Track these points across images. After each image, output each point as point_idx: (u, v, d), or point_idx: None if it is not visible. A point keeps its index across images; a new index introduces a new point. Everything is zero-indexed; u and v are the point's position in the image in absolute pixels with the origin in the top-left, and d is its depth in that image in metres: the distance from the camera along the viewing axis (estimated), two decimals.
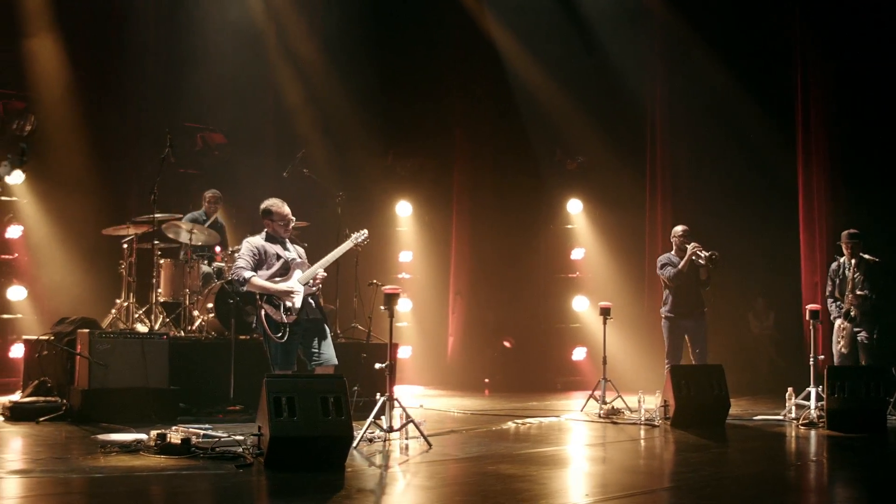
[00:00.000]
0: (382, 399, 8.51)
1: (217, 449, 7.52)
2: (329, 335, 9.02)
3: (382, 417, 8.53)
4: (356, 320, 12.87)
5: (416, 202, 16.99)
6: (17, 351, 12.83)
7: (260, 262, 8.67)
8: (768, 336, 16.03)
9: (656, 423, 10.15)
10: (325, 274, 8.92)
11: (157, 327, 11.54)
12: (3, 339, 13.56)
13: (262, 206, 8.85)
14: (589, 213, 16.47)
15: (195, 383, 10.67)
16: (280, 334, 8.59)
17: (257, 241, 8.79)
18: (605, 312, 11.75)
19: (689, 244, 11.76)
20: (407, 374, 16.27)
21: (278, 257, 8.72)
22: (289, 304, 8.58)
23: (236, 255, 9.25)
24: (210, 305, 11.61)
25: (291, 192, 11.51)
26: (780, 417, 10.84)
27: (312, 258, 8.99)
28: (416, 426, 8.49)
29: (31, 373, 11.13)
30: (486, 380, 15.98)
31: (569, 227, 16.64)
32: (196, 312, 11.80)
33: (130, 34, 14.55)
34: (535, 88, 15.89)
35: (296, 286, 8.66)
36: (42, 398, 10.17)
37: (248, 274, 8.56)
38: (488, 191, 16.72)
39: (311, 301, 8.85)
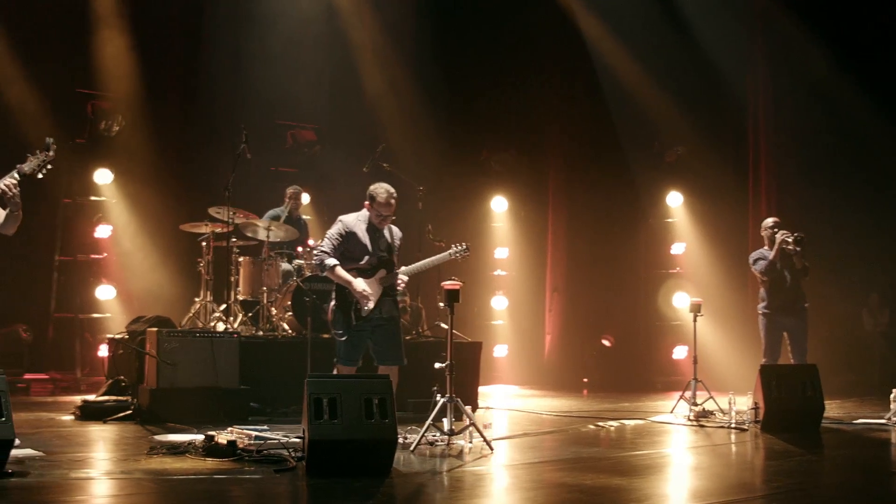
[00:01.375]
0: (443, 400, 8.11)
1: (264, 452, 7.25)
2: (401, 335, 8.69)
3: (444, 420, 8.14)
4: (440, 318, 12.55)
5: (512, 197, 16.60)
6: (105, 350, 12.87)
7: (346, 247, 8.35)
8: (882, 333, 15.14)
9: (745, 427, 9.53)
10: (407, 279, 8.60)
11: (235, 326, 11.40)
12: (93, 338, 13.66)
13: (370, 188, 8.49)
14: (689, 207, 15.85)
15: (270, 383, 10.46)
16: (341, 332, 8.33)
17: (351, 222, 8.44)
18: (695, 309, 11.09)
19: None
20: (502, 373, 16.01)
21: (367, 250, 8.39)
22: (363, 305, 8.27)
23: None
24: (288, 304, 11.44)
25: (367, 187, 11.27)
26: (883, 421, 10.08)
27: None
28: (477, 429, 8.07)
29: (110, 372, 11.16)
30: (585, 379, 15.59)
31: (668, 220, 16.07)
32: (274, 311, 11.63)
33: (215, 33, 14.54)
34: (630, 80, 15.38)
35: (374, 289, 8.35)
36: (113, 397, 10.16)
37: (330, 262, 8.26)
38: (585, 185, 16.29)
39: (389, 298, 8.53)
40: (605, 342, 15.97)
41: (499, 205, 16.62)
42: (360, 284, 8.29)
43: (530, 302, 16.53)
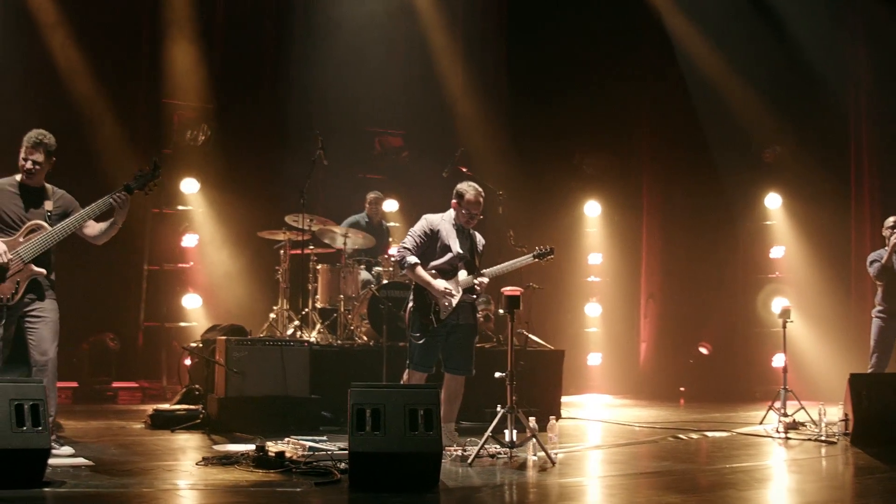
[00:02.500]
0: (503, 411, 7.82)
1: (312, 463, 7.07)
2: (474, 344, 8.48)
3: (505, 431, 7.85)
4: (521, 325, 12.23)
5: (605, 202, 16.18)
6: (187, 359, 12.91)
7: (428, 246, 8.20)
8: None
9: (835, 440, 9.00)
10: (487, 280, 8.38)
11: (313, 334, 11.29)
12: (180, 346, 13.69)
13: (457, 186, 8.38)
14: (789, 209, 15.21)
15: (343, 392, 10.23)
16: (419, 334, 8.17)
17: (435, 221, 8.34)
18: (785, 315, 10.56)
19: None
20: (596, 381, 15.66)
21: (450, 250, 8.23)
22: (444, 305, 8.08)
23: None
24: (364, 312, 11.27)
25: (451, 191, 11.06)
26: None
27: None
28: (538, 441, 7.75)
29: (189, 381, 11.16)
30: (682, 388, 15.13)
31: (767, 223, 15.44)
32: (351, 318, 11.49)
33: (300, 40, 14.51)
34: (722, 79, 14.81)
35: (455, 289, 8.15)
36: (185, 406, 10.11)
37: (412, 260, 8.13)
38: (679, 187, 15.79)
39: (468, 304, 8.32)
40: (703, 350, 15.47)
41: (592, 209, 16.21)
42: (440, 284, 8.12)
43: (625, 309, 16.09)
